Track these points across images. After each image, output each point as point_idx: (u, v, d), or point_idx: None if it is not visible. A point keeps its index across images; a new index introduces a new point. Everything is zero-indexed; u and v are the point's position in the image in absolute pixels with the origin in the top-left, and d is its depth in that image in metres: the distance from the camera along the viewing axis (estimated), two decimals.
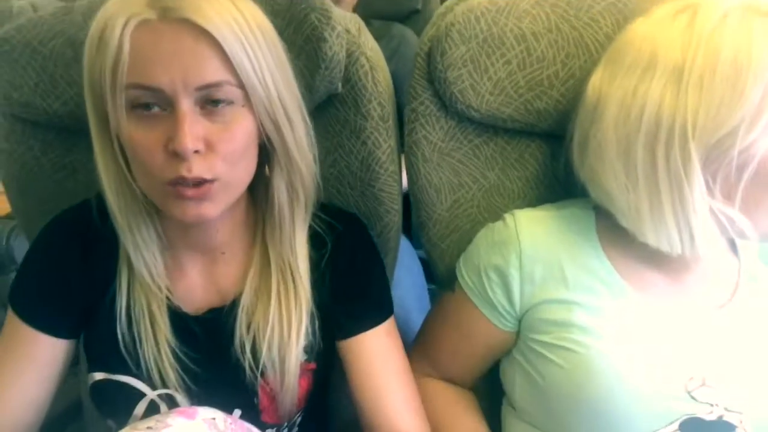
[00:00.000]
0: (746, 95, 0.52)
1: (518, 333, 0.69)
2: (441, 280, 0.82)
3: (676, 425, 0.59)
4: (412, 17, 1.68)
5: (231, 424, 0.59)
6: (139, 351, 0.63)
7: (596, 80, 0.62)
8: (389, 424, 0.66)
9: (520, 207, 0.77)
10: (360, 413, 0.68)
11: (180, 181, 0.54)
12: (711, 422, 0.59)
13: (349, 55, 0.72)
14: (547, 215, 0.70)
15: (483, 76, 0.70)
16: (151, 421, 0.54)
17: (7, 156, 0.83)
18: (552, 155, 0.77)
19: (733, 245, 0.69)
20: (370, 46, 0.75)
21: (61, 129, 0.79)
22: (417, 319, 0.86)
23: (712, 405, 0.59)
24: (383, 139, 0.75)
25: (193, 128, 0.53)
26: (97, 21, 0.53)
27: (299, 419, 0.73)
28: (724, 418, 0.59)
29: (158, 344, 0.63)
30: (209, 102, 0.54)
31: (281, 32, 0.71)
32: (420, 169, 0.76)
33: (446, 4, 0.74)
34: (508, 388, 0.73)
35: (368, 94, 0.73)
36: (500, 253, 0.68)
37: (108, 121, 0.55)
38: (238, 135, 0.56)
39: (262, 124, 0.58)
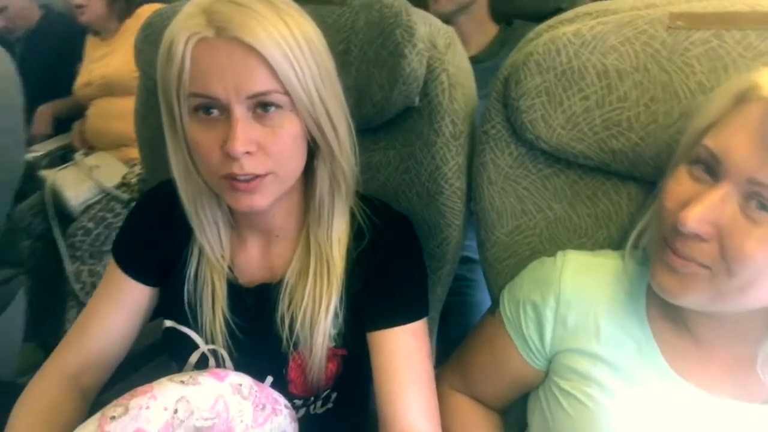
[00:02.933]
0: None
1: (547, 372, 0.68)
2: (492, 300, 0.83)
3: None
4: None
5: (256, 391, 0.67)
6: (198, 311, 0.74)
7: None
8: (401, 422, 0.68)
9: (586, 244, 0.75)
10: (377, 407, 0.71)
11: (233, 176, 0.62)
12: None
13: (431, 70, 0.74)
14: (600, 263, 0.67)
15: (557, 109, 0.68)
16: (185, 376, 0.63)
17: (143, 119, 0.98)
18: (629, 197, 0.72)
19: None
20: (455, 63, 0.76)
21: None
22: None
23: None
24: (451, 156, 0.76)
25: (245, 133, 0.60)
26: (166, 37, 0.61)
27: (333, 397, 0.79)
28: None
29: (214, 310, 0.73)
30: (260, 107, 0.61)
31: (372, 42, 0.76)
32: (484, 191, 0.76)
33: (537, 29, 0.72)
34: (529, 421, 0.73)
35: (443, 111, 0.75)
36: (540, 291, 0.67)
37: (178, 118, 0.63)
38: (286, 137, 0.63)
39: (307, 125, 0.64)
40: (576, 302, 0.64)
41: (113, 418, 0.57)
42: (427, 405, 0.70)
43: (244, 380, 0.66)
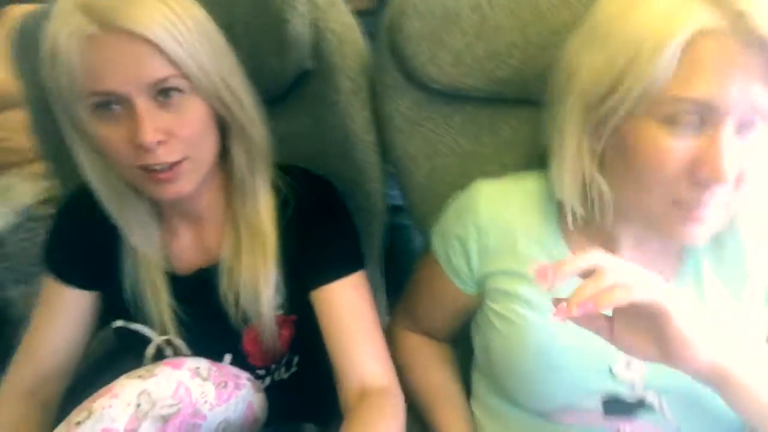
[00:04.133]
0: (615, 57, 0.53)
1: (481, 297, 0.74)
2: (425, 242, 0.87)
3: (597, 400, 0.63)
4: None
5: (215, 371, 0.70)
6: (144, 307, 0.75)
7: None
8: (354, 369, 0.71)
9: (496, 171, 0.79)
10: (332, 362, 0.73)
11: (149, 167, 0.62)
12: (631, 403, 0.62)
13: (317, 31, 0.75)
14: (508, 188, 0.71)
15: (442, 50, 0.70)
16: (142, 371, 0.65)
17: (40, 130, 0.94)
18: (526, 120, 0.76)
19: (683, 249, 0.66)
20: (339, 20, 0.77)
21: None
22: None
23: (633, 384, 0.61)
24: (355, 112, 0.78)
25: (152, 123, 0.60)
26: (47, 41, 0.60)
27: (295, 361, 0.83)
28: (645, 399, 0.61)
29: (158, 303, 0.75)
30: (161, 94, 0.61)
31: (253, 11, 0.75)
32: (395, 139, 0.79)
33: None
34: (475, 347, 0.79)
35: (338, 70, 0.76)
36: (461, 223, 0.71)
37: (77, 121, 0.63)
38: (193, 120, 0.63)
39: (212, 105, 0.64)
40: (493, 228, 0.69)
41: (78, 423, 0.59)
42: (379, 352, 0.73)
43: (201, 363, 0.69)
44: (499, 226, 0.69)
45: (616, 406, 0.62)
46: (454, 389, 0.79)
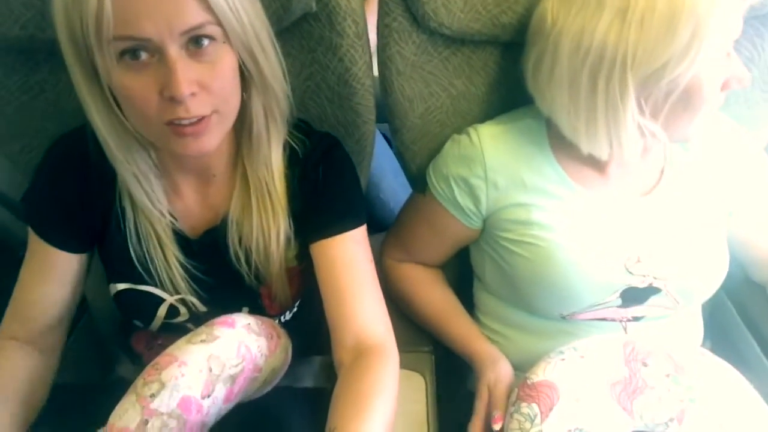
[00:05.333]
0: (678, 35, 0.61)
1: (484, 229, 0.82)
2: (411, 179, 0.92)
3: (617, 294, 0.76)
4: None
5: (261, 324, 0.70)
6: (151, 266, 0.72)
7: (553, 9, 0.68)
8: (349, 326, 0.69)
9: (484, 110, 0.86)
10: (327, 318, 0.72)
11: (177, 121, 0.58)
12: (643, 288, 0.76)
13: None
14: (506, 129, 0.78)
15: None
16: (201, 335, 0.64)
17: None
18: (513, 61, 0.82)
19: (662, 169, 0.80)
20: None
21: (22, 51, 0.77)
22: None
23: (644, 276, 0.75)
24: (359, 56, 0.78)
25: (186, 74, 0.56)
26: None
27: (297, 304, 0.85)
28: (653, 285, 0.76)
29: (168, 260, 0.72)
30: (193, 43, 0.57)
31: None
32: (394, 82, 0.81)
33: None
34: (478, 270, 0.88)
35: (342, 12, 0.75)
36: (467, 166, 0.77)
37: (93, 69, 0.57)
38: (226, 71, 0.60)
39: (240, 56, 0.61)
40: (501, 166, 0.76)
41: (153, 395, 0.58)
42: (376, 310, 0.71)
43: (249, 319, 0.69)
44: (505, 164, 0.76)
45: (631, 296, 0.76)
46: (457, 306, 0.88)
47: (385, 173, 1.32)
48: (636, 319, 0.79)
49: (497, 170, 0.76)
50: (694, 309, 0.84)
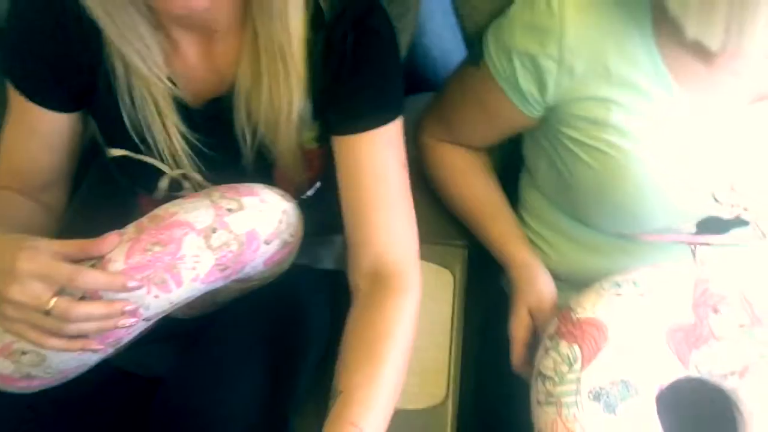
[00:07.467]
0: None
1: (545, 118, 0.67)
2: (467, 41, 0.74)
3: (694, 223, 0.63)
4: None
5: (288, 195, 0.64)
6: (149, 136, 0.62)
7: None
8: (369, 244, 0.61)
9: None
10: (345, 232, 0.64)
11: None
12: (726, 220, 0.63)
13: None
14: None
15: None
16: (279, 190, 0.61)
17: None
18: None
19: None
20: None
21: None
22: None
23: (732, 206, 0.62)
24: None
25: None
26: None
27: (318, 183, 0.75)
28: (741, 217, 0.63)
29: (167, 130, 0.62)
30: None
31: None
32: None
33: None
34: (531, 165, 0.75)
35: None
36: (538, 40, 0.60)
37: None
38: None
39: None
40: (583, 47, 0.59)
41: (230, 210, 0.56)
42: (402, 227, 0.62)
43: (275, 189, 0.62)
44: (589, 45, 0.59)
45: (711, 225, 0.64)
46: (501, 201, 0.77)
47: (432, 13, 1.11)
48: (709, 244, 0.67)
49: (577, 52, 0.59)
50: None
